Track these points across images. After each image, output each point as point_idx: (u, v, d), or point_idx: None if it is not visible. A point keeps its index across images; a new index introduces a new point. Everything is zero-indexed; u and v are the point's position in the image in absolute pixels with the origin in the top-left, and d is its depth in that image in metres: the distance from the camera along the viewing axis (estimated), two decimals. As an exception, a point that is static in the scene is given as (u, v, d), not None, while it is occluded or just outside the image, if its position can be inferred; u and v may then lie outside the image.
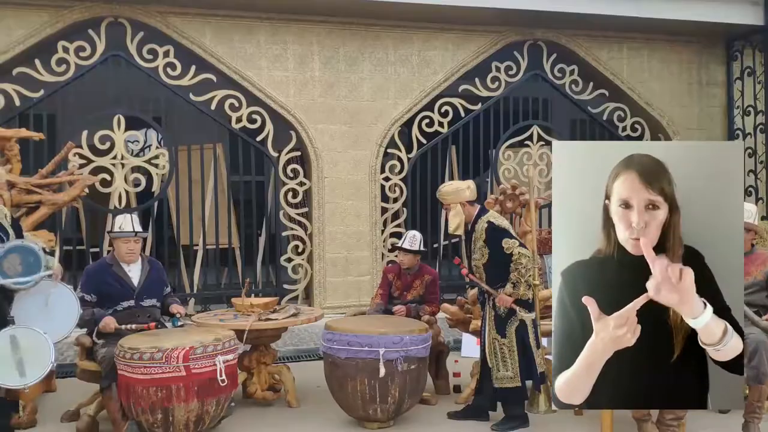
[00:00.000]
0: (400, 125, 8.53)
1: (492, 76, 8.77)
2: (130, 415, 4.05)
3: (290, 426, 4.59)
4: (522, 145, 8.93)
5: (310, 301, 8.25)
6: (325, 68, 8.15)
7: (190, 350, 3.96)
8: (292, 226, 8.31)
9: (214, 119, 7.98)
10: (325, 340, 4.60)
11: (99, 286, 4.47)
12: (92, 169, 7.25)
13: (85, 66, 7.40)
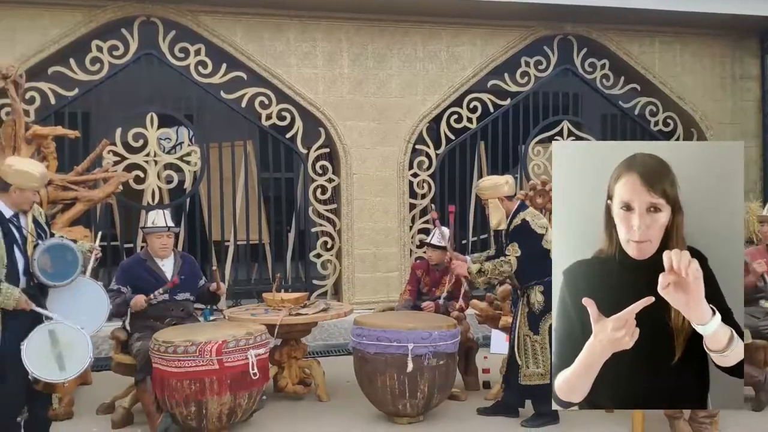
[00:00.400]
0: (429, 121, 8.53)
1: (521, 71, 8.72)
2: (165, 408, 4.12)
3: (321, 420, 4.62)
4: (552, 140, 8.86)
5: (338, 296, 8.30)
6: (353, 65, 8.18)
7: (223, 344, 4.02)
8: (321, 222, 8.37)
9: (245, 117, 8.06)
10: (354, 336, 4.63)
11: (133, 281, 4.56)
12: (126, 166, 7.39)
13: (118, 65, 7.54)
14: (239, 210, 8.44)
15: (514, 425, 4.44)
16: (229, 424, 4.19)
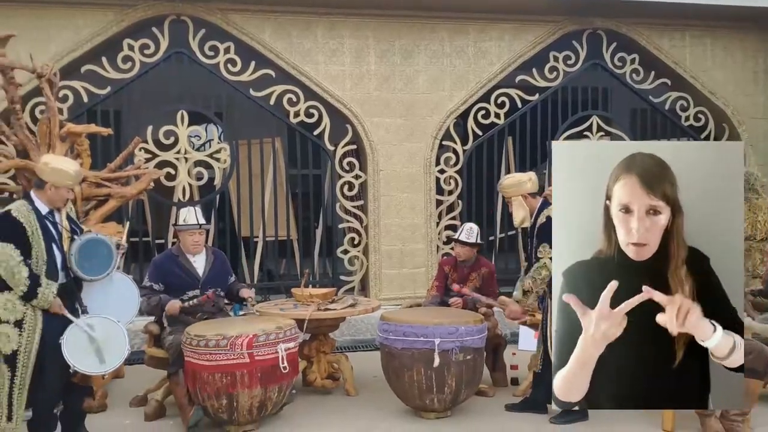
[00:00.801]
0: (456, 117, 8.52)
1: (550, 66, 8.66)
2: (197, 401, 4.20)
3: (349, 414, 4.67)
4: (581, 135, 8.79)
5: (365, 292, 8.34)
6: (380, 61, 8.20)
7: (254, 338, 4.09)
8: (348, 218, 8.42)
9: (273, 114, 8.13)
10: (381, 331, 4.66)
11: (165, 277, 4.65)
12: (157, 164, 7.51)
13: (149, 63, 7.65)
14: (268, 206, 8.51)
15: (542, 422, 4.43)
16: (260, 417, 4.26)
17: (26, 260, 3.67)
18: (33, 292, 3.66)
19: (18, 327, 3.70)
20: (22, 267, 3.63)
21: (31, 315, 3.72)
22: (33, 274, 3.68)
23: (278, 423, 4.45)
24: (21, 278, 3.62)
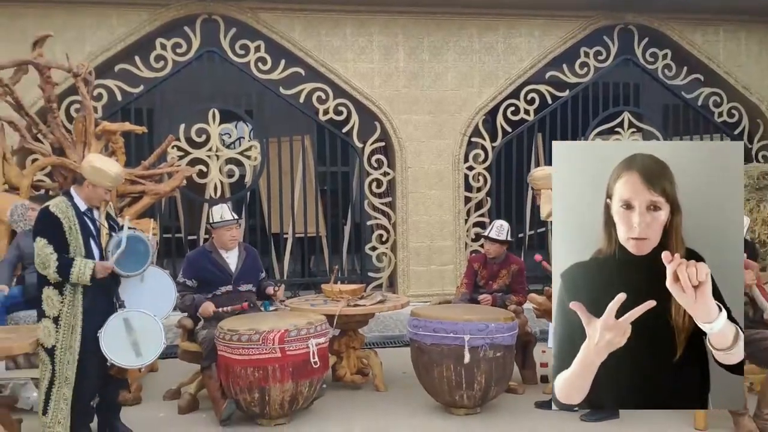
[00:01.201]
0: (485, 114, 8.50)
1: (580, 62, 8.60)
2: (229, 394, 4.26)
3: (379, 409, 4.70)
4: (612, 131, 8.72)
5: (393, 289, 8.38)
6: (409, 59, 8.22)
7: (285, 333, 4.13)
8: (376, 215, 8.45)
9: (303, 112, 8.20)
10: (410, 327, 4.68)
11: (199, 272, 4.72)
12: (189, 161, 7.63)
13: (181, 62, 7.77)
14: (297, 203, 8.60)
15: (572, 419, 4.41)
16: (291, 411, 4.31)
17: (63, 254, 3.75)
18: (66, 270, 3.71)
19: (55, 323, 3.77)
20: (52, 256, 3.71)
21: (67, 312, 3.78)
22: (63, 257, 3.74)
23: (309, 417, 4.50)
24: (50, 263, 3.69)
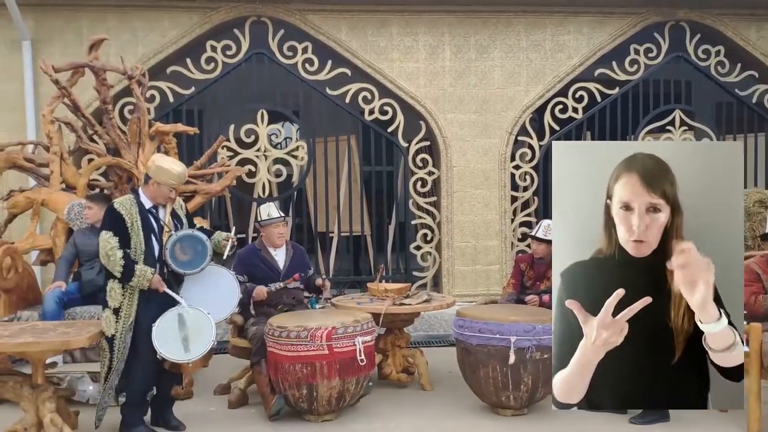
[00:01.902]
0: (532, 112, 8.43)
1: (630, 59, 8.45)
2: (278, 390, 4.34)
3: (426, 408, 4.71)
4: (663, 130, 8.55)
5: (438, 288, 8.37)
6: (455, 57, 8.20)
7: (333, 330, 4.19)
8: (420, 214, 8.46)
9: (349, 112, 8.27)
10: (456, 327, 4.67)
11: (249, 269, 4.83)
12: (238, 161, 7.77)
13: (231, 63, 7.92)
14: (342, 202, 8.67)
15: (621, 422, 4.35)
16: (338, 408, 4.37)
17: (124, 248, 3.90)
18: (130, 271, 3.88)
19: (115, 314, 3.96)
20: (117, 251, 3.88)
21: (127, 304, 3.96)
22: (129, 257, 3.91)
23: (356, 414, 4.54)
24: (116, 260, 3.87)
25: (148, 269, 3.92)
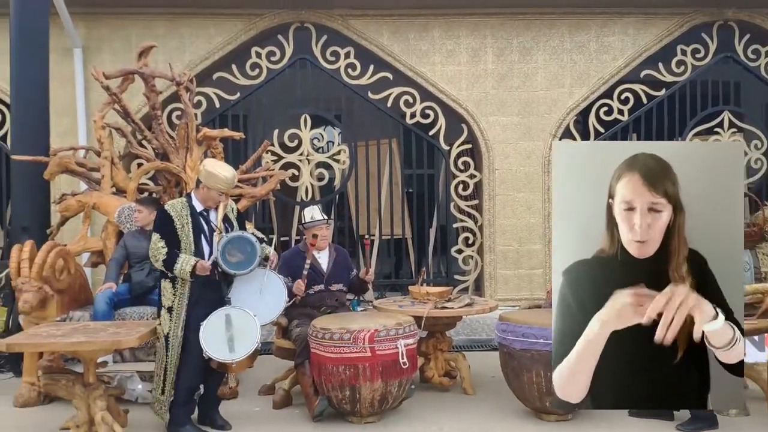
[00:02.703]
0: (576, 114, 8.33)
1: (677, 60, 8.29)
2: (322, 391, 4.38)
3: (468, 412, 4.69)
4: (711, 132, 8.35)
5: (480, 292, 8.33)
6: (498, 60, 8.17)
7: (375, 333, 4.22)
8: (462, 218, 8.44)
9: (390, 116, 8.30)
10: (499, 331, 4.65)
11: (293, 271, 4.89)
12: (282, 165, 7.87)
13: (275, 69, 8.03)
14: (384, 206, 8.70)
15: (668, 429, 4.27)
16: (381, 410, 4.38)
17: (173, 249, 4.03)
18: (171, 264, 4.01)
19: (169, 313, 4.12)
20: (162, 249, 4.04)
21: (178, 303, 4.10)
22: (172, 252, 4.04)
23: (398, 417, 4.55)
24: (160, 255, 4.03)
25: (192, 257, 4.03)
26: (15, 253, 4.90)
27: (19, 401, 4.85)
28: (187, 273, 4.01)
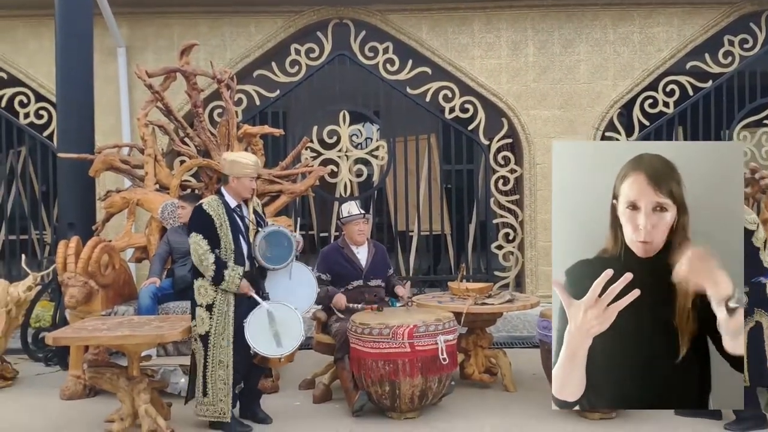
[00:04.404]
0: (620, 107, 8.16)
1: (724, 51, 8.05)
2: (361, 386, 4.38)
3: (510, 409, 4.63)
4: (760, 124, 8.09)
5: (521, 289, 8.23)
6: (539, 53, 8.05)
7: (414, 328, 4.19)
8: (502, 213, 8.34)
9: (429, 111, 8.24)
10: (540, 328, 4.59)
11: (332, 266, 4.90)
12: (321, 161, 7.89)
13: (314, 66, 8.05)
14: (422, 201, 8.66)
15: (716, 428, 4.14)
16: (421, 406, 4.36)
17: (214, 249, 4.03)
18: (220, 275, 4.00)
19: (209, 310, 4.07)
20: (209, 254, 3.99)
21: (221, 299, 4.07)
22: (219, 260, 4.02)
23: (438, 413, 4.52)
24: (208, 264, 3.99)
25: (236, 273, 4.01)
26: (61, 249, 5.02)
27: (66, 394, 4.96)
28: (236, 286, 4.02)
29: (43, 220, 8.84)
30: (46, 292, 6.57)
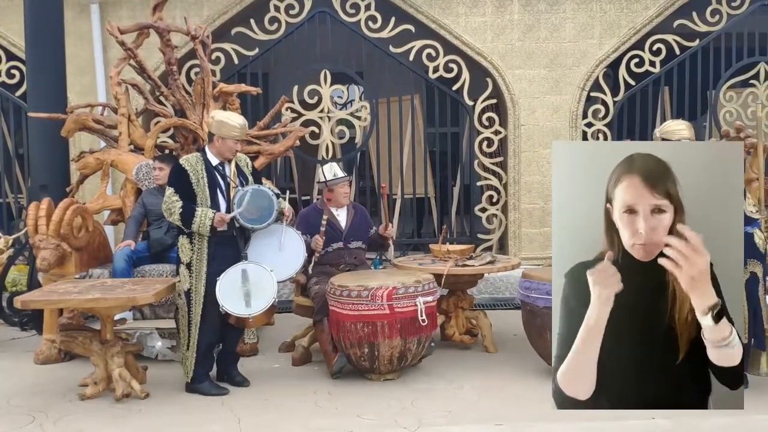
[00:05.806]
0: (606, 67, 8.03)
1: (712, 9, 7.91)
2: (340, 348, 4.34)
3: (490, 370, 4.62)
4: (746, 84, 8.01)
5: (504, 251, 8.19)
6: (524, 10, 7.87)
7: (393, 290, 4.14)
8: (486, 176, 8.26)
9: (412, 70, 8.08)
10: (522, 288, 4.56)
11: (311, 229, 4.81)
12: (302, 123, 7.73)
13: (294, 24, 7.83)
14: (406, 164, 8.55)
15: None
16: (400, 367, 4.34)
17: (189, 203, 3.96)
18: (189, 215, 3.95)
19: (188, 269, 4.08)
20: (177, 203, 3.97)
21: (197, 258, 4.06)
22: (188, 204, 3.97)
23: (418, 374, 4.51)
24: (175, 209, 3.97)
25: (209, 210, 3.95)
26: (32, 211, 4.89)
27: (40, 358, 4.89)
28: (207, 227, 3.95)
29: (20, 183, 8.66)
30: (21, 255, 6.45)
